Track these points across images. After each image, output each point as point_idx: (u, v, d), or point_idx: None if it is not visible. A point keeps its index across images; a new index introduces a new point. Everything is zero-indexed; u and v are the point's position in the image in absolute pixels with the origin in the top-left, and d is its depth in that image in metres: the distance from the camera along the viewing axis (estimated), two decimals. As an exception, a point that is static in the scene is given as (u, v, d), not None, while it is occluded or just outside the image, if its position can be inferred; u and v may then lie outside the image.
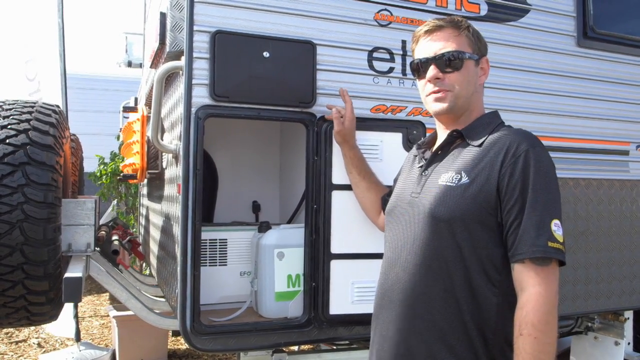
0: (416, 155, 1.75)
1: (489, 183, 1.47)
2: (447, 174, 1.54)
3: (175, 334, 4.95)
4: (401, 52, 2.44)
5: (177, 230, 2.26)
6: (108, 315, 5.39)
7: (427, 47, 1.62)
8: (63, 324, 4.63)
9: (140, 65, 5.43)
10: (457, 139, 1.62)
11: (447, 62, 1.58)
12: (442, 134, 1.68)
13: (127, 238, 3.39)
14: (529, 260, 1.41)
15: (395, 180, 1.90)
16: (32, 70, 5.25)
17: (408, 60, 2.42)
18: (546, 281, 1.40)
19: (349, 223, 2.30)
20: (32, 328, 5.23)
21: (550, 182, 1.47)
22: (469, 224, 1.47)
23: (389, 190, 1.99)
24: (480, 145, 1.55)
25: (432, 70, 1.59)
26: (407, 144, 2.39)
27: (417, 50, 1.67)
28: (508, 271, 1.48)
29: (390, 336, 1.59)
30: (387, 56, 2.42)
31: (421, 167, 1.67)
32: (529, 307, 1.38)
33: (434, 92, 1.60)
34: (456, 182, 1.51)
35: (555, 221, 1.44)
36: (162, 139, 2.50)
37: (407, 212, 1.61)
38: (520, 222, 1.43)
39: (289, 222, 3.16)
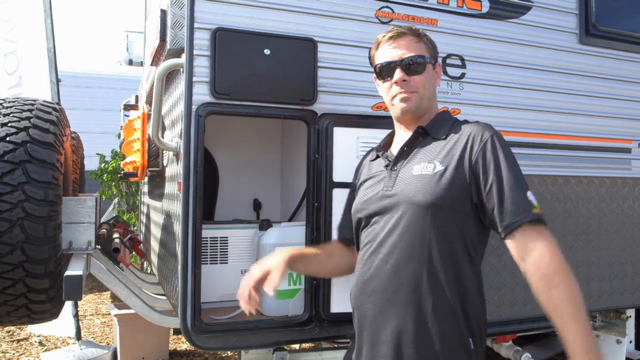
0: (372, 160, 1.87)
1: (461, 168, 1.61)
2: (419, 165, 1.66)
3: (177, 332, 4.94)
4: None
5: (177, 228, 2.26)
6: (109, 314, 5.39)
7: (391, 52, 1.75)
8: (64, 323, 4.63)
9: (141, 64, 5.42)
10: (421, 135, 1.75)
11: (412, 66, 1.71)
12: (403, 134, 1.79)
13: (128, 236, 3.39)
14: (528, 224, 1.53)
15: (354, 190, 1.93)
16: (11, 64, 5.16)
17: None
18: (549, 237, 1.53)
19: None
20: (34, 326, 5.22)
21: (515, 161, 1.62)
22: (447, 207, 1.59)
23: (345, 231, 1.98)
24: (444, 138, 1.69)
25: (398, 73, 1.71)
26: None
27: (379, 54, 1.79)
28: (481, 248, 1.67)
29: (378, 324, 1.64)
30: (389, 53, 2.41)
31: (387, 166, 1.77)
32: (546, 260, 1.48)
33: (400, 93, 1.72)
34: (431, 170, 1.63)
35: (529, 192, 1.58)
36: (162, 137, 2.49)
37: (381, 206, 1.69)
38: (504, 197, 1.56)
39: (290, 220, 3.15)
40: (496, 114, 2.61)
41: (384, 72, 1.75)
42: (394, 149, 1.81)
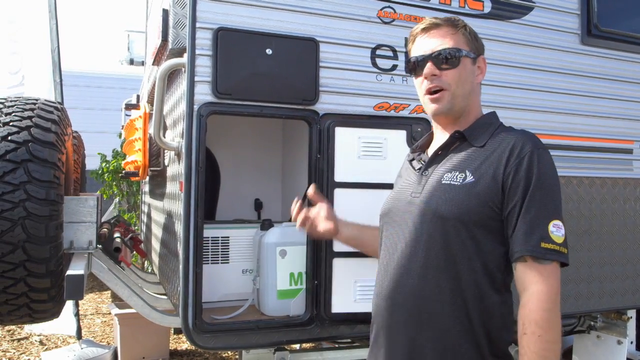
0: (411, 160, 1.73)
1: (494, 182, 1.47)
2: (450, 174, 1.54)
3: (177, 331, 4.95)
4: (404, 50, 2.43)
5: (179, 227, 2.26)
6: (110, 313, 5.39)
7: (424, 44, 1.61)
8: (64, 322, 4.63)
9: (142, 63, 5.42)
10: (458, 140, 1.61)
11: (444, 59, 1.56)
12: (441, 135, 1.67)
13: (129, 235, 3.39)
14: (531, 259, 1.42)
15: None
16: (15, 63, 5.17)
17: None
18: (548, 280, 1.41)
19: (351, 221, 2.29)
20: (34, 325, 5.22)
21: (551, 184, 1.47)
22: (474, 222, 1.47)
23: None
24: (482, 146, 1.55)
25: (428, 67, 1.57)
26: (411, 142, 2.38)
27: (414, 48, 1.65)
28: (509, 270, 1.50)
29: (398, 340, 1.56)
30: (391, 54, 2.41)
31: (419, 169, 1.65)
32: (531, 306, 1.39)
33: (431, 92, 1.59)
34: (461, 181, 1.50)
35: (555, 222, 1.44)
36: (164, 137, 2.50)
37: (406, 212, 1.59)
38: (521, 222, 1.44)
39: (291, 220, 3.15)
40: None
41: (418, 67, 1.60)
42: (431, 151, 1.67)
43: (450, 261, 1.48)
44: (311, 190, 1.96)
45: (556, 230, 1.43)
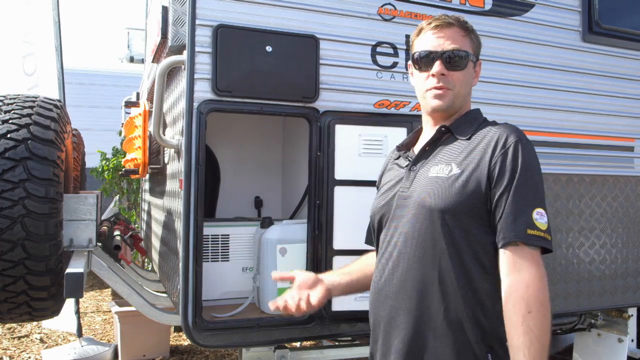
0: (396, 159, 1.77)
1: (479, 173, 1.51)
2: (437, 167, 1.58)
3: (178, 329, 4.94)
4: (405, 47, 2.42)
5: (179, 225, 2.25)
6: (110, 311, 5.39)
7: (434, 41, 1.63)
8: (65, 320, 4.63)
9: (142, 61, 5.42)
10: (444, 135, 1.65)
11: (454, 60, 1.61)
12: (430, 131, 1.70)
13: (129, 233, 3.39)
14: (522, 244, 1.45)
15: (378, 190, 1.85)
16: (30, 65, 5.20)
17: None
18: (539, 264, 1.45)
19: (351, 219, 2.29)
20: (35, 323, 5.23)
21: (535, 174, 1.51)
22: (460, 213, 1.51)
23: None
24: (468, 139, 1.60)
25: (438, 66, 1.60)
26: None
27: (420, 42, 1.66)
28: (498, 259, 1.52)
29: (390, 332, 1.60)
30: (391, 51, 2.41)
31: (407, 165, 1.69)
32: (534, 287, 1.41)
33: (436, 88, 1.62)
34: (447, 173, 1.54)
35: (538, 210, 1.48)
36: (164, 134, 2.49)
37: (396, 208, 1.64)
38: (508, 209, 1.47)
39: (292, 217, 3.15)
40: (497, 112, 2.59)
41: (423, 61, 1.63)
42: (418, 148, 1.71)
43: (437, 251, 1.52)
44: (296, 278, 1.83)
45: (540, 217, 1.47)
